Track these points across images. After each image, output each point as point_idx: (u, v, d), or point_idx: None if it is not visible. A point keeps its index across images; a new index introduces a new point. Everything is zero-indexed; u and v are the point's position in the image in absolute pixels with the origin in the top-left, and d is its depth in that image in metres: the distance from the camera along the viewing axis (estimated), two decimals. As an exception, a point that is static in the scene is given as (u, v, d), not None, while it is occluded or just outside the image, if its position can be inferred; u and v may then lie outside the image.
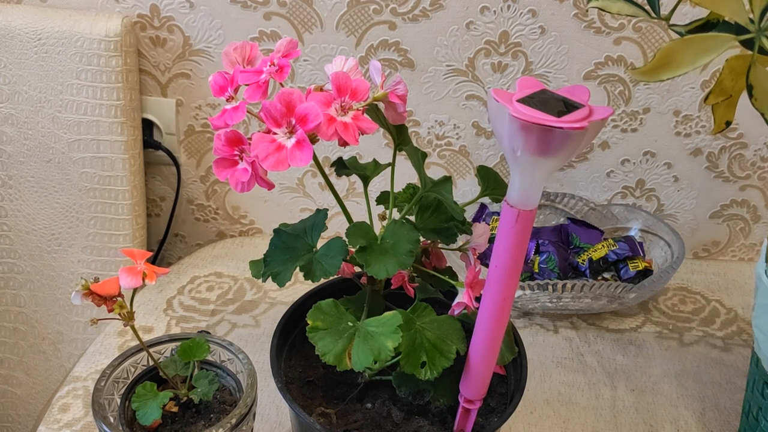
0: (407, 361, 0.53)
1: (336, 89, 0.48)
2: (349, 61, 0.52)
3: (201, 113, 1.02)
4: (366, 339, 0.52)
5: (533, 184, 0.45)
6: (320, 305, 0.55)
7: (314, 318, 0.54)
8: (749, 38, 0.47)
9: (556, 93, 0.44)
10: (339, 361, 0.52)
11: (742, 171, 0.99)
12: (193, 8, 0.94)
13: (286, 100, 0.47)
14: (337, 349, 0.52)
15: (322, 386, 0.63)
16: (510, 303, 0.51)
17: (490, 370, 0.55)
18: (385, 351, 0.51)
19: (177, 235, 1.14)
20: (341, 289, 0.67)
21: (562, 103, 0.43)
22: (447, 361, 0.53)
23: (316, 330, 0.53)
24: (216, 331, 0.88)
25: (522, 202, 0.46)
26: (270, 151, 0.47)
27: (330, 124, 0.48)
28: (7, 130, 0.98)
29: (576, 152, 0.43)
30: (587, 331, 0.89)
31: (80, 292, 0.56)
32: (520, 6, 0.90)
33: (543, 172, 0.45)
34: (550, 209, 1.02)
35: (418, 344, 0.54)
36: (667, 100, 0.95)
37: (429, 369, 0.53)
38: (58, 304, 1.06)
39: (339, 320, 0.54)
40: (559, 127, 0.40)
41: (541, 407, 0.78)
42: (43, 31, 0.93)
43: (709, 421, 0.76)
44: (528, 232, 0.48)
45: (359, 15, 0.93)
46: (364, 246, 0.53)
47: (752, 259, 1.07)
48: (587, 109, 0.42)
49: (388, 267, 0.52)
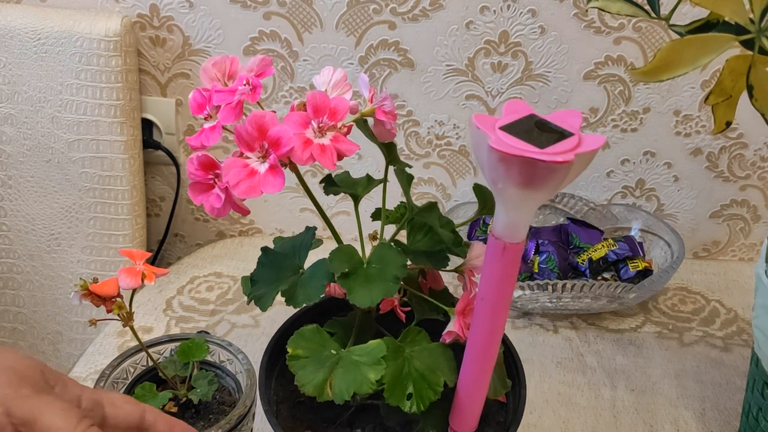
0: (392, 393, 0.50)
1: (312, 110, 0.46)
2: (337, 73, 0.49)
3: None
4: (348, 369, 0.50)
5: (518, 217, 0.42)
6: (302, 332, 0.53)
7: (295, 346, 0.52)
8: (749, 38, 0.47)
9: (544, 119, 0.40)
10: (319, 392, 0.50)
11: (742, 171, 0.99)
12: (192, 8, 0.94)
13: (257, 123, 0.45)
14: (318, 379, 0.50)
15: (313, 407, 0.59)
16: (499, 337, 0.48)
17: (479, 403, 0.52)
18: (367, 383, 0.49)
19: (177, 235, 1.14)
20: (334, 307, 0.64)
21: (549, 132, 0.39)
22: (434, 393, 0.51)
23: (297, 358, 0.51)
24: (215, 331, 0.88)
25: (507, 234, 0.43)
26: (242, 177, 0.45)
27: (306, 147, 0.45)
28: (6, 130, 0.98)
29: (565, 184, 0.39)
30: (587, 331, 0.89)
31: (79, 292, 0.56)
32: (519, 6, 0.90)
33: (528, 205, 0.41)
34: (550, 209, 1.02)
35: (405, 374, 0.51)
36: (667, 100, 0.95)
37: (416, 401, 0.50)
38: (57, 304, 1.06)
39: (321, 348, 0.52)
40: (541, 160, 0.36)
41: (540, 407, 0.78)
42: (43, 30, 0.93)
43: (709, 421, 0.76)
44: (515, 265, 0.44)
45: (359, 15, 0.92)
46: (347, 272, 0.50)
47: (752, 259, 1.07)
48: (576, 138, 0.38)
49: (373, 295, 0.49)
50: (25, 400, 0.44)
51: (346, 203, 1.06)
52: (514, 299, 0.88)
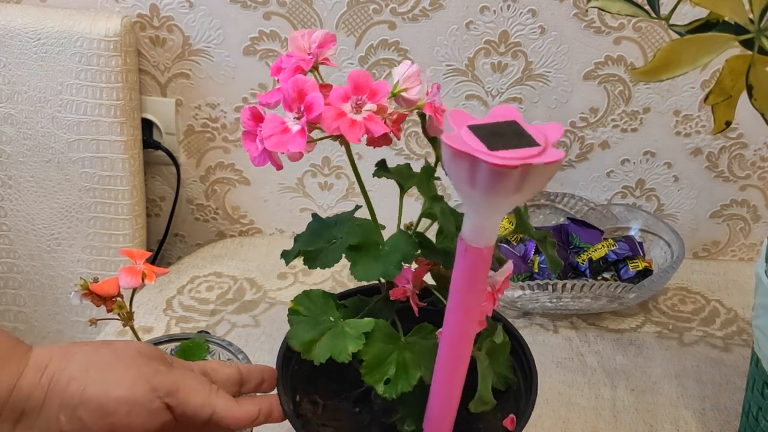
0: (369, 372, 0.51)
1: (353, 87, 0.49)
2: (412, 67, 0.52)
3: (200, 113, 1.02)
4: (335, 336, 0.52)
5: (479, 220, 0.41)
6: (310, 293, 0.55)
7: (299, 303, 0.54)
8: (749, 38, 0.47)
9: (525, 128, 0.39)
10: (305, 350, 0.52)
11: (742, 171, 0.99)
12: (192, 8, 0.94)
13: (298, 86, 0.48)
14: (307, 338, 0.52)
15: (330, 377, 0.61)
16: (467, 347, 0.47)
17: (447, 410, 0.51)
18: (345, 353, 0.51)
19: (177, 235, 1.14)
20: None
21: (517, 138, 0.37)
22: (407, 385, 0.51)
23: (296, 314, 0.54)
24: (216, 331, 0.88)
25: (468, 237, 0.42)
26: (275, 132, 0.48)
27: (337, 118, 0.48)
28: (6, 130, 0.98)
29: (527, 195, 0.38)
30: (587, 331, 0.89)
31: (79, 292, 0.56)
32: (519, 6, 0.90)
33: (487, 209, 0.40)
34: (550, 209, 1.02)
35: (390, 360, 0.52)
36: (667, 99, 0.95)
37: (390, 388, 0.51)
38: (57, 303, 1.06)
39: (323, 313, 0.54)
40: (482, 160, 0.35)
41: (540, 407, 0.78)
42: (43, 30, 0.93)
43: (709, 421, 0.76)
44: (481, 271, 0.43)
45: (359, 15, 0.92)
46: (357, 245, 0.52)
47: (752, 259, 1.07)
48: (537, 149, 0.37)
49: (370, 272, 0.50)
50: (164, 374, 0.49)
51: (346, 203, 1.06)
52: (514, 299, 0.88)
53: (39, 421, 0.47)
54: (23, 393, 0.47)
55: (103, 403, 0.47)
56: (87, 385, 0.47)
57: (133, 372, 0.49)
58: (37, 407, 0.47)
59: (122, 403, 0.47)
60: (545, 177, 0.37)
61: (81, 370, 0.48)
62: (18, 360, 0.48)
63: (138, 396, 0.48)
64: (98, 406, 0.47)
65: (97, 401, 0.47)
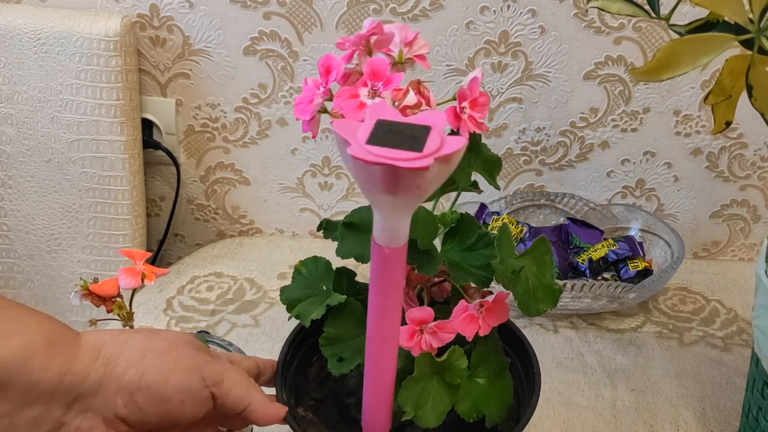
0: (326, 344, 0.54)
1: (369, 73, 0.50)
2: (477, 70, 0.55)
3: (200, 113, 1.02)
4: (313, 303, 0.55)
5: (395, 222, 0.41)
6: (318, 260, 0.58)
7: (304, 264, 0.58)
8: (749, 38, 0.47)
9: (431, 135, 0.37)
10: (288, 305, 0.55)
11: (742, 171, 0.99)
12: (192, 8, 0.94)
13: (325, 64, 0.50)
14: (293, 296, 0.56)
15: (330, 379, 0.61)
16: (392, 346, 0.47)
17: (377, 409, 0.51)
18: (307, 318, 0.54)
19: (177, 235, 1.14)
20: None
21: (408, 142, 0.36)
22: (347, 369, 0.53)
23: (298, 273, 0.57)
24: (216, 331, 0.88)
25: (386, 239, 0.41)
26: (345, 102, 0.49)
27: (350, 98, 0.50)
28: (6, 130, 0.98)
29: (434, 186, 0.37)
30: (587, 331, 0.89)
31: (79, 292, 0.56)
32: (519, 6, 0.90)
33: (374, 205, 0.40)
34: (550, 209, 1.02)
35: (352, 342, 0.54)
36: (667, 99, 0.95)
37: (341, 365, 0.53)
38: (57, 303, 1.06)
39: (319, 279, 0.57)
40: (400, 167, 0.35)
41: (540, 407, 0.78)
42: (43, 30, 0.93)
43: (709, 421, 0.76)
44: (393, 273, 0.43)
45: (359, 15, 0.92)
46: (351, 223, 0.53)
47: (752, 259, 1.07)
48: (412, 154, 0.36)
49: (349, 251, 0.52)
50: (210, 365, 0.50)
51: (347, 204, 1.06)
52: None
53: (95, 404, 0.47)
54: (78, 376, 0.47)
55: (161, 389, 0.48)
56: (145, 371, 0.48)
57: (187, 361, 0.49)
58: (93, 391, 0.47)
59: (178, 391, 0.48)
60: (412, 183, 0.36)
61: (138, 356, 0.48)
62: (69, 344, 0.47)
63: (192, 385, 0.49)
64: (155, 392, 0.47)
65: (155, 387, 0.47)
